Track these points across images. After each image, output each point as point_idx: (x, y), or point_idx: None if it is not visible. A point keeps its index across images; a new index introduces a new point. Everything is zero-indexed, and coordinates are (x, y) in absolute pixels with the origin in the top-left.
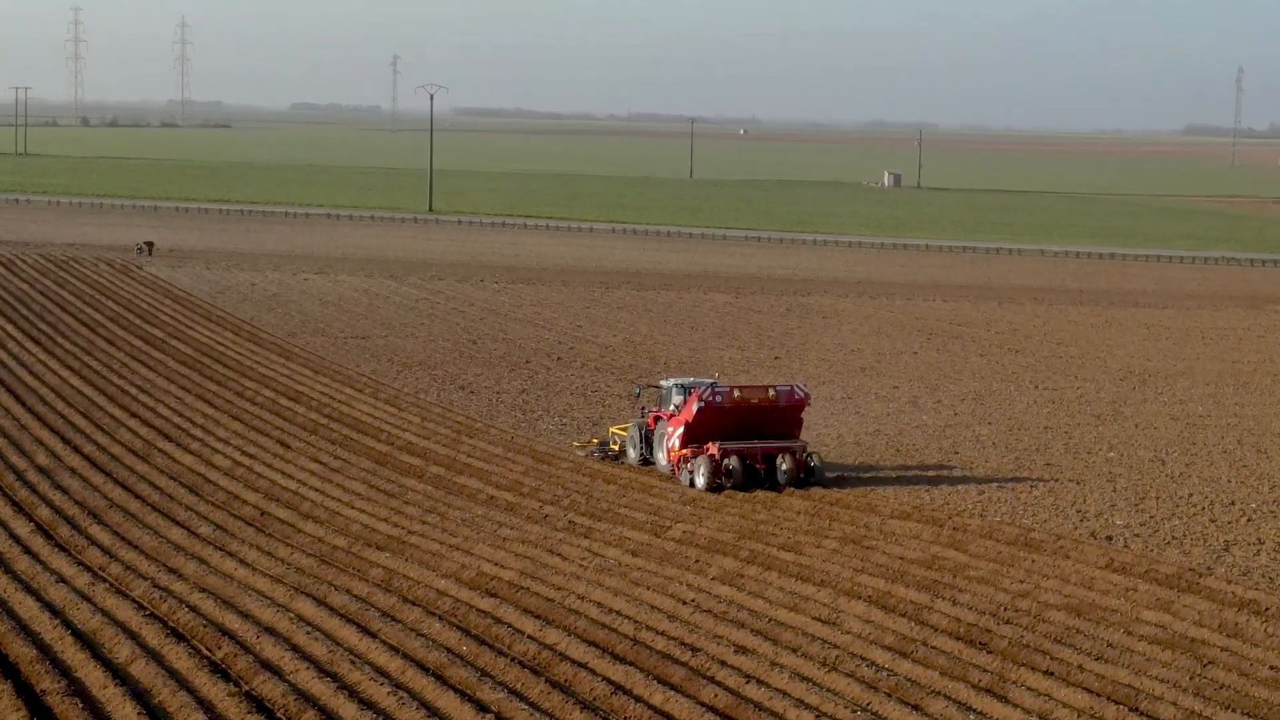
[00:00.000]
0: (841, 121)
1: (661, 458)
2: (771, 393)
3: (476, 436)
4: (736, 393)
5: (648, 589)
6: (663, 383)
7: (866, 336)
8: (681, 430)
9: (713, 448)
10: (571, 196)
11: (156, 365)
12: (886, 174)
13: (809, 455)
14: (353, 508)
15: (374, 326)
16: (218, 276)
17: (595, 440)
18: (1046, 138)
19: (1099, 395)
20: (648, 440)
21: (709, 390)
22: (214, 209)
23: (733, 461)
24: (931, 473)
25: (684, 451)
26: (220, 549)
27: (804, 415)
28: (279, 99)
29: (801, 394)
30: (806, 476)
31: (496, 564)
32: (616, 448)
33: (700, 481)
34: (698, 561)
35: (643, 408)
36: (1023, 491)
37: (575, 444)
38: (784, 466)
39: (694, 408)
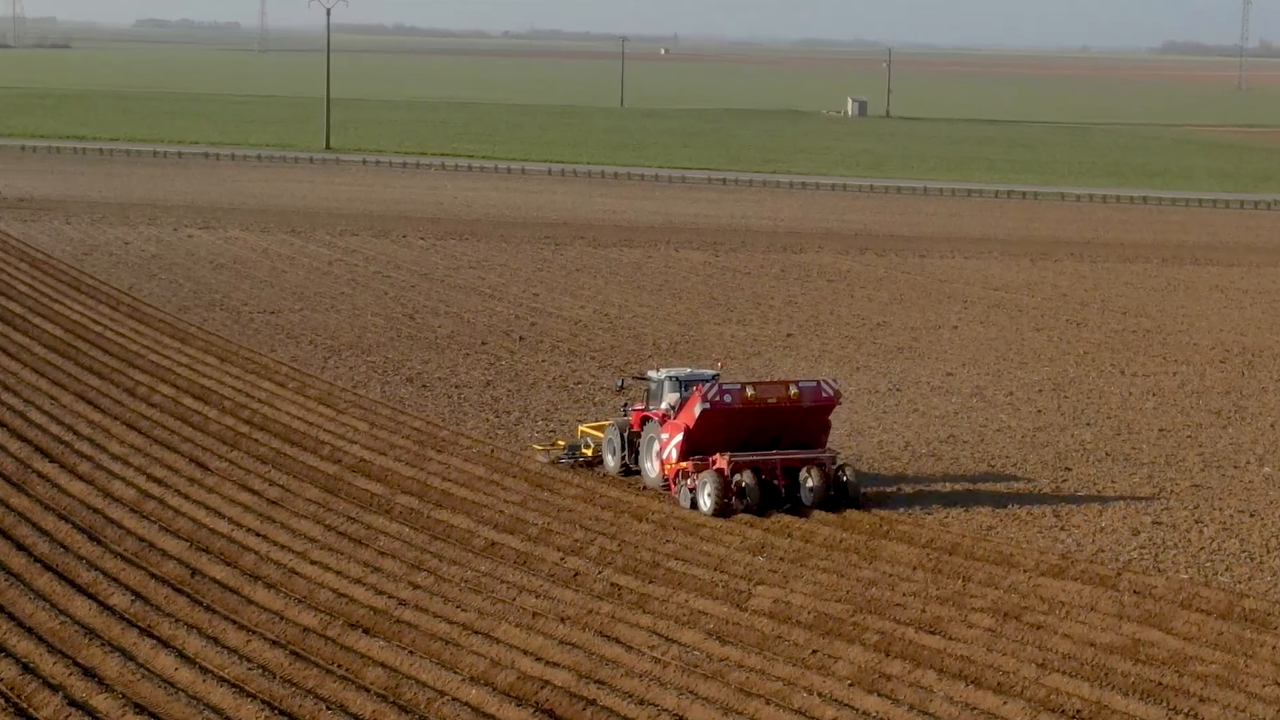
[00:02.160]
0: (771, 39)
1: (652, 469)
2: (793, 390)
3: (445, 450)
4: (749, 390)
5: (765, 701)
6: (652, 375)
7: (889, 305)
8: (680, 438)
9: (721, 460)
10: (489, 130)
11: (19, 353)
12: (850, 101)
13: (841, 468)
14: (311, 562)
15: (283, 297)
16: (82, 233)
17: (562, 443)
18: (1007, 57)
19: (1204, 383)
20: (631, 445)
21: (714, 388)
22: (66, 147)
23: (746, 478)
24: (1047, 495)
25: (683, 464)
26: (147, 633)
27: (837, 415)
28: (122, 14)
29: (830, 391)
30: (839, 495)
31: (537, 658)
32: (590, 453)
33: (706, 503)
34: (815, 653)
35: (625, 404)
36: (1189, 529)
37: (536, 447)
38: (810, 483)
39: (696, 410)
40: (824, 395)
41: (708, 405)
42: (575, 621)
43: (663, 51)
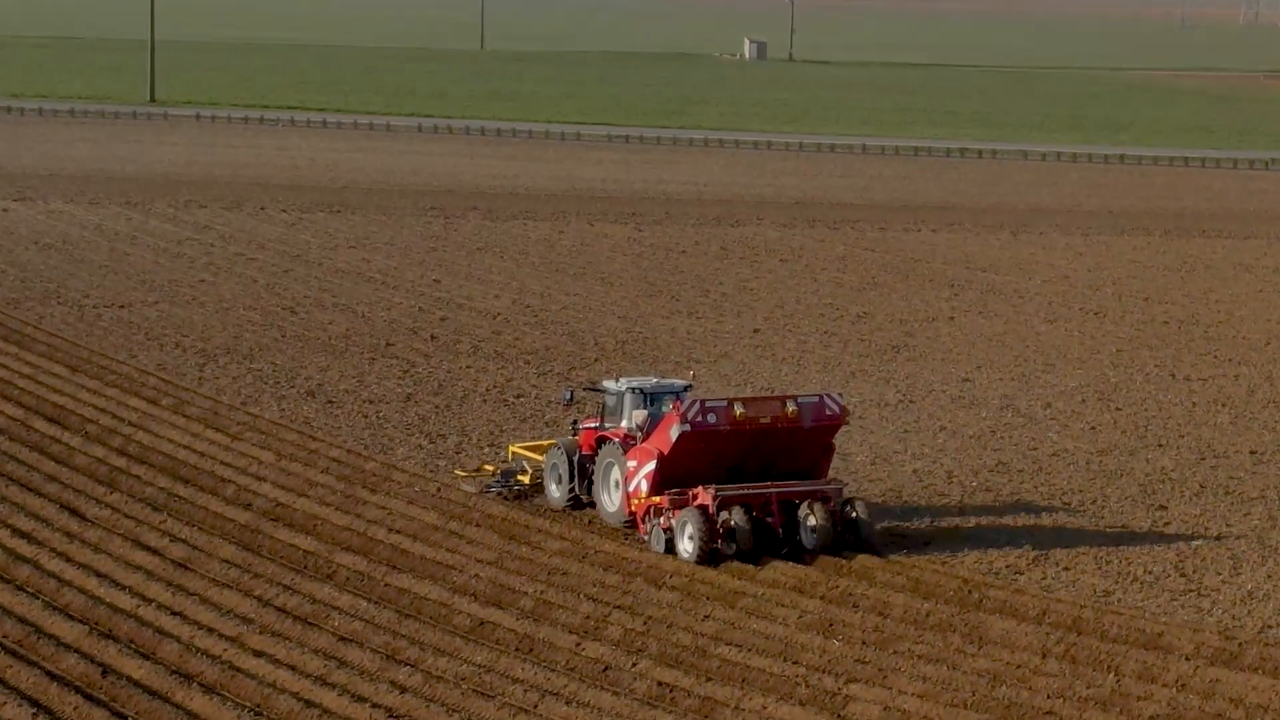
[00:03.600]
0: None
1: (610, 502)
2: (791, 407)
3: (380, 490)
4: (738, 408)
5: None
6: (609, 385)
7: (862, 291)
8: (652, 466)
9: (704, 495)
10: (335, 77)
11: None
12: (746, 42)
13: (849, 502)
14: (252, 653)
15: (131, 287)
16: None
17: (492, 468)
18: None
19: (1277, 390)
20: (582, 471)
21: (695, 405)
22: None
23: (736, 516)
24: (1153, 543)
25: (656, 499)
26: None
27: (847, 436)
28: None
29: (835, 408)
30: (846, 534)
31: None
32: (528, 480)
33: (688, 548)
34: None
35: (574, 421)
36: None
37: (459, 473)
38: (812, 521)
39: (673, 432)
40: (828, 413)
41: (688, 427)
42: None
43: None
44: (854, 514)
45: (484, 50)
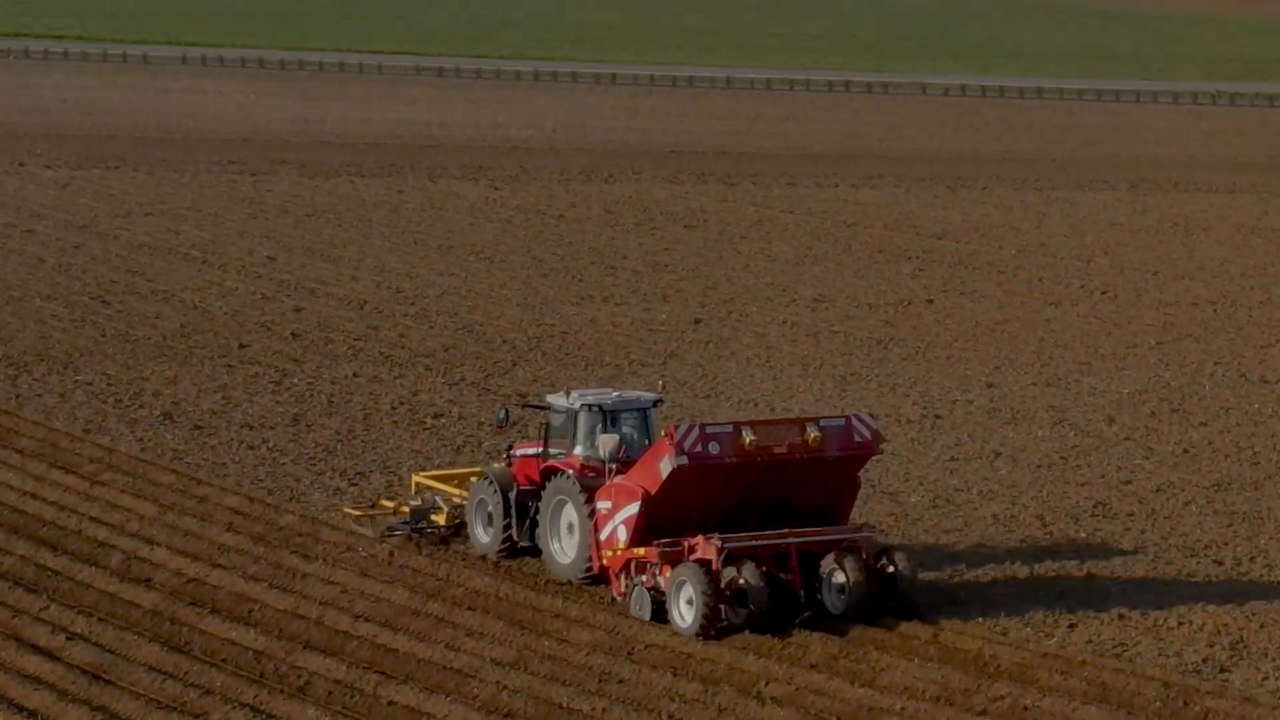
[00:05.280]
0: None
1: (563, 552)
2: (813, 433)
3: (314, 556)
4: (747, 435)
5: None
6: (556, 401)
7: (802, 265)
8: (635, 509)
9: (705, 547)
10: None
11: None
12: None
13: (885, 553)
14: None
15: None
16: None
17: (393, 504)
18: None
19: None
20: (520, 510)
21: (693, 432)
22: None
23: (748, 573)
24: None
25: (639, 552)
26: None
27: (880, 467)
28: None
29: (866, 433)
30: (884, 595)
31: None
32: (443, 520)
33: (686, 616)
34: None
35: (509, 446)
36: None
37: (350, 511)
38: (841, 578)
39: (665, 467)
40: (857, 440)
41: (685, 460)
42: None
43: None
44: (891, 567)
45: None
